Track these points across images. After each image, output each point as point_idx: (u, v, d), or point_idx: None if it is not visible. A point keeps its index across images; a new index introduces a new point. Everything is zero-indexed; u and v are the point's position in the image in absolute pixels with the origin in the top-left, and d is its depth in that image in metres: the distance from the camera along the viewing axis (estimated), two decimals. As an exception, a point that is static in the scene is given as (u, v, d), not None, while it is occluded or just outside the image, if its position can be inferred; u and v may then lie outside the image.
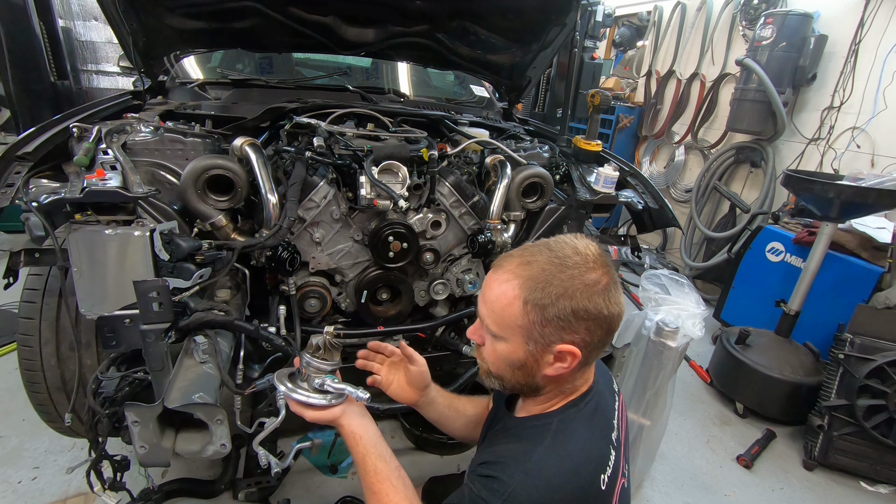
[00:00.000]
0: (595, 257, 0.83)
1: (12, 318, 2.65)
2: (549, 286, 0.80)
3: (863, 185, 2.34)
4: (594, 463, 0.83)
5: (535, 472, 0.79)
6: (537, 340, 0.82)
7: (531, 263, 0.83)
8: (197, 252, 1.30)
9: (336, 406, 0.96)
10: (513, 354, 0.85)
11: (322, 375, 0.96)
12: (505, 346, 0.86)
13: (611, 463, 0.85)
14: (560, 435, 0.85)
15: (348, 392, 0.96)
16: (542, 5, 2.01)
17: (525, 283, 0.81)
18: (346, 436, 0.96)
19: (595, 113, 2.33)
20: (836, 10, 3.37)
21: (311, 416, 0.95)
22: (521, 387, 0.91)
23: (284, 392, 0.96)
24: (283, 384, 0.96)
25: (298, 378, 0.99)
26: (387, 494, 0.89)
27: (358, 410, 0.99)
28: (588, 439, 0.86)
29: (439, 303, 1.90)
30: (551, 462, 0.81)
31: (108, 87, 4.80)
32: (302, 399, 0.95)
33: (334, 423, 0.96)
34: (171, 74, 2.31)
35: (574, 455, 0.83)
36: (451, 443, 2.13)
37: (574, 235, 0.88)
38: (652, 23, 4.97)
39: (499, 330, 0.85)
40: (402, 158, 1.61)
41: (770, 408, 2.57)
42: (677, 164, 4.72)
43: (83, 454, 1.88)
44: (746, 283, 3.23)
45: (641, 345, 1.80)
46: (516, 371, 0.87)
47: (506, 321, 0.83)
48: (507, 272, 0.84)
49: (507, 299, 0.82)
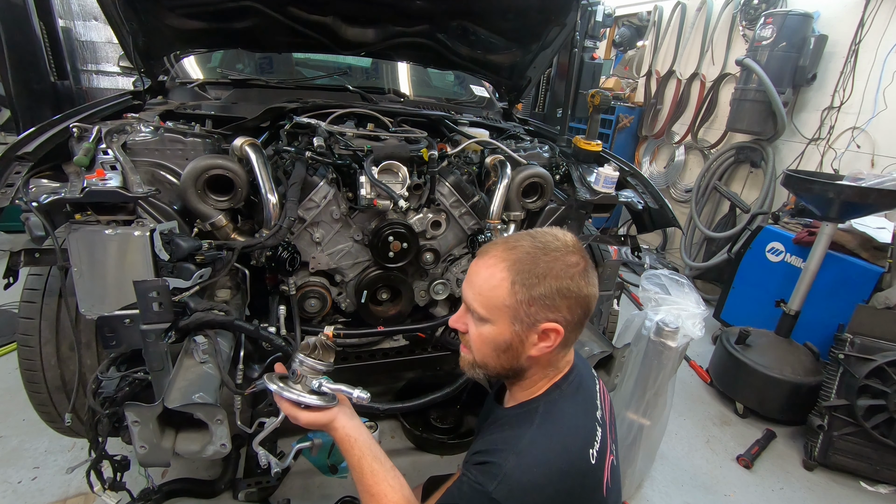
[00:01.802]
0: (573, 243, 0.89)
1: (12, 318, 2.65)
2: (536, 267, 0.85)
3: (863, 185, 2.34)
4: (581, 438, 0.87)
5: (527, 453, 0.82)
6: (523, 320, 0.86)
7: (516, 248, 0.87)
8: (197, 252, 1.30)
9: (331, 408, 0.94)
10: (499, 336, 0.88)
11: (318, 376, 0.93)
12: (491, 328, 0.88)
13: (598, 438, 0.89)
14: (547, 416, 0.89)
15: (346, 392, 0.94)
16: (542, 5, 2.01)
17: (513, 265, 0.86)
18: (341, 439, 0.94)
19: (595, 113, 2.33)
20: (836, 10, 3.37)
21: (305, 418, 0.92)
22: (505, 371, 0.93)
23: (276, 391, 0.92)
24: (274, 383, 0.93)
25: (291, 380, 0.95)
26: (385, 495, 0.90)
27: (350, 413, 0.98)
28: (574, 416, 0.91)
29: (439, 303, 1.90)
30: (541, 441, 0.84)
31: (108, 87, 4.80)
32: (294, 398, 0.91)
33: (329, 426, 0.94)
34: (171, 74, 2.31)
35: (562, 432, 0.87)
36: (450, 443, 2.13)
37: (552, 227, 0.98)
38: (652, 23, 4.97)
39: (486, 312, 0.88)
40: (402, 158, 1.61)
41: (770, 408, 2.57)
42: (677, 164, 4.72)
43: (83, 454, 1.88)
44: (746, 283, 3.23)
45: (641, 345, 1.80)
46: (501, 354, 0.90)
47: (493, 302, 0.87)
48: (493, 257, 0.88)
49: (496, 280, 0.86)
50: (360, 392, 0.95)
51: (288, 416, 0.94)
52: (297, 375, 0.94)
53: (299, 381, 0.94)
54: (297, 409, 0.93)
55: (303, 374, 0.94)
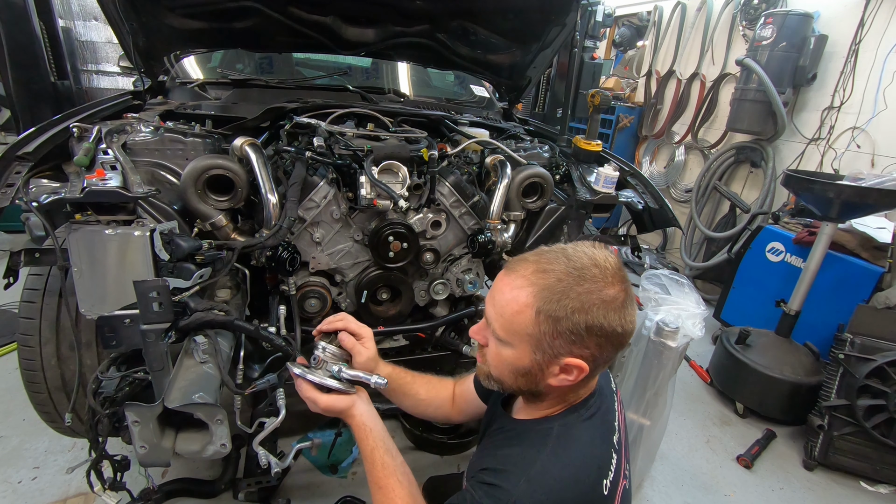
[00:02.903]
0: (614, 271, 0.80)
1: (12, 318, 2.65)
2: (566, 298, 0.77)
3: (863, 185, 2.34)
4: (596, 469, 0.82)
5: (538, 481, 0.77)
6: (545, 351, 0.80)
7: (547, 272, 0.79)
8: (197, 252, 1.30)
9: (350, 394, 0.96)
10: (518, 361, 0.83)
11: (338, 362, 0.97)
12: (511, 352, 0.83)
13: (612, 467, 0.84)
14: (562, 441, 0.83)
15: (364, 378, 0.96)
16: (542, 5, 2.01)
17: (540, 292, 0.78)
18: (357, 427, 0.94)
19: (595, 113, 2.33)
20: (836, 10, 3.37)
21: (325, 402, 0.93)
22: (521, 392, 0.90)
23: (300, 374, 0.95)
24: (297, 367, 0.96)
25: (313, 366, 0.99)
26: (393, 489, 0.89)
27: (367, 402, 0.98)
28: (590, 445, 0.85)
29: (439, 303, 1.90)
30: (554, 469, 0.79)
31: (108, 87, 4.81)
32: (317, 381, 0.94)
33: (346, 412, 0.95)
34: (171, 74, 2.31)
35: (576, 462, 0.82)
36: (450, 443, 2.13)
37: (593, 244, 0.84)
38: (652, 23, 4.97)
39: (506, 335, 0.83)
40: (402, 158, 1.61)
41: (770, 408, 2.57)
42: (677, 164, 4.72)
43: (83, 454, 1.88)
44: (746, 283, 3.23)
45: (641, 345, 1.80)
46: (519, 378, 0.85)
47: (514, 327, 0.81)
48: (522, 278, 0.81)
49: (519, 306, 0.80)
50: (378, 378, 0.97)
51: (307, 402, 0.96)
52: (318, 361, 0.98)
53: (320, 367, 0.98)
54: (317, 392, 0.94)
55: (324, 360, 0.98)
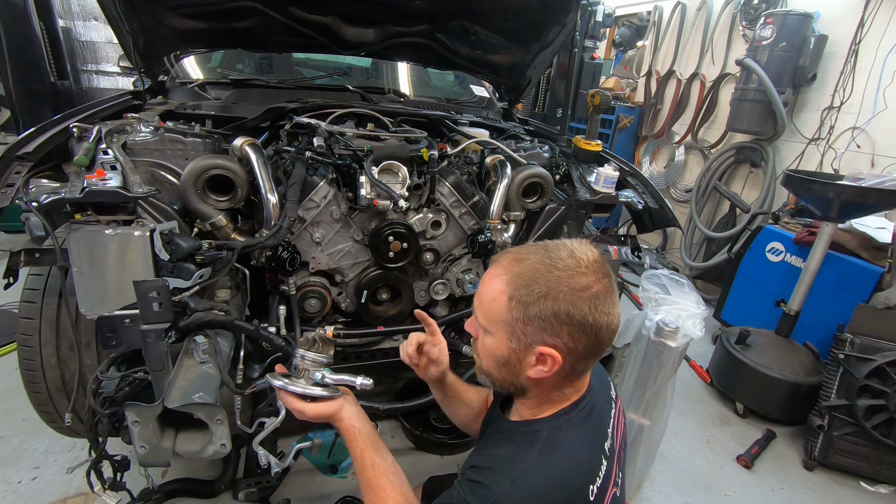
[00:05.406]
0: (589, 263, 0.81)
1: (12, 318, 2.65)
2: (535, 284, 0.80)
3: (863, 185, 2.34)
4: (583, 473, 0.82)
5: (522, 481, 0.78)
6: (519, 338, 0.83)
7: (522, 261, 0.84)
8: (197, 252, 1.30)
9: (336, 399, 0.95)
10: (498, 350, 0.87)
11: (320, 369, 0.95)
12: (492, 340, 0.87)
13: (601, 473, 0.85)
14: (549, 443, 0.84)
15: (349, 381, 0.95)
16: (542, 5, 2.01)
17: (513, 279, 0.82)
18: (345, 430, 0.95)
19: (595, 113, 2.33)
20: (836, 10, 3.37)
21: (311, 411, 0.93)
22: (508, 386, 0.91)
23: (281, 386, 0.94)
24: (278, 380, 0.95)
25: (294, 376, 0.97)
26: (384, 489, 0.89)
27: (354, 404, 0.98)
28: (578, 448, 0.85)
29: (439, 303, 1.90)
30: (539, 470, 0.80)
31: (108, 87, 4.79)
32: (299, 391, 0.93)
33: (334, 417, 0.95)
34: (171, 74, 2.31)
35: (562, 465, 0.82)
36: (451, 443, 2.13)
37: (577, 240, 0.87)
38: (652, 23, 4.97)
39: (486, 323, 0.87)
40: (402, 158, 1.61)
41: (770, 408, 2.57)
42: (677, 164, 4.72)
43: (83, 454, 1.88)
44: (746, 283, 3.23)
45: (641, 345, 1.80)
46: (502, 368, 0.88)
47: (492, 314, 0.85)
48: (500, 267, 0.86)
49: (495, 293, 0.84)
50: (363, 379, 0.96)
51: (294, 413, 0.95)
52: (299, 370, 0.96)
53: (302, 376, 0.96)
54: (302, 402, 0.94)
55: (305, 369, 0.95)
